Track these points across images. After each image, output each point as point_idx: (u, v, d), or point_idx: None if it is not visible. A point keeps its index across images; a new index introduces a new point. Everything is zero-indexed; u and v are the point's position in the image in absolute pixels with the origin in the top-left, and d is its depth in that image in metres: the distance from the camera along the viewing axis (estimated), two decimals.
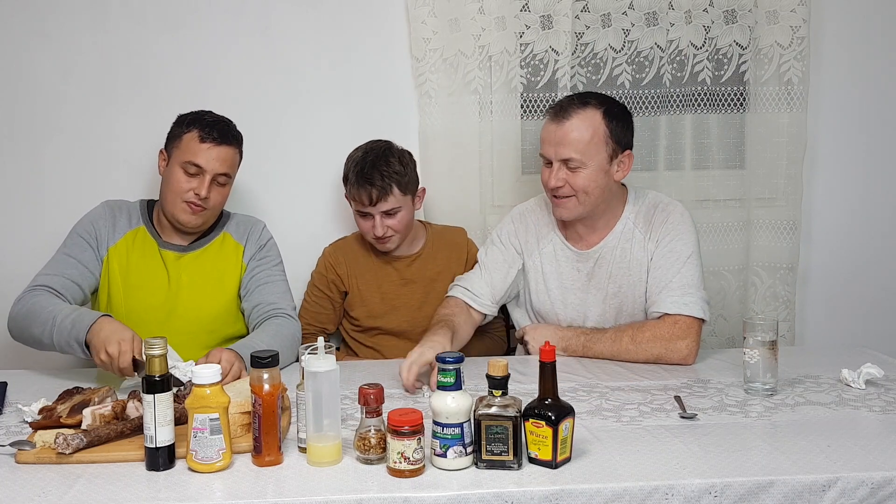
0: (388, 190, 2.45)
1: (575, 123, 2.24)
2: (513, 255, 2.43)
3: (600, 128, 2.24)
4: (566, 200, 2.29)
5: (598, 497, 1.49)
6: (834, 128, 2.89)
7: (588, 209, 2.30)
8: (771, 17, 2.73)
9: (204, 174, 2.28)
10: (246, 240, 2.42)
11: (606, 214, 2.36)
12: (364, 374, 2.12)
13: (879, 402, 1.91)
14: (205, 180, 2.28)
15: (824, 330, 2.96)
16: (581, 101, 2.28)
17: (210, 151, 2.29)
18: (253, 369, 1.60)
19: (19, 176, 2.77)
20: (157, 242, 2.37)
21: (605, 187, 2.28)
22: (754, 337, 1.97)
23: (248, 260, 2.40)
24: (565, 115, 2.25)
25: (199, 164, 2.28)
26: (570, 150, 2.23)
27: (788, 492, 1.52)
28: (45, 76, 2.73)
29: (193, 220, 2.32)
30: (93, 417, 1.68)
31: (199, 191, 2.28)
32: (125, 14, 2.72)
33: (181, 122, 2.36)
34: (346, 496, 1.48)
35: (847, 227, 2.95)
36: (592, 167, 2.24)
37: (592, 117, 2.24)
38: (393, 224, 2.50)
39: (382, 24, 2.77)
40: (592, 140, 2.23)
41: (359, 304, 2.62)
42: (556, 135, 2.25)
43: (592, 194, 2.27)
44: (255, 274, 2.39)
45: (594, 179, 2.25)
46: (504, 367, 1.57)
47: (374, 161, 2.47)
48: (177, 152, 2.31)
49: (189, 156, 2.28)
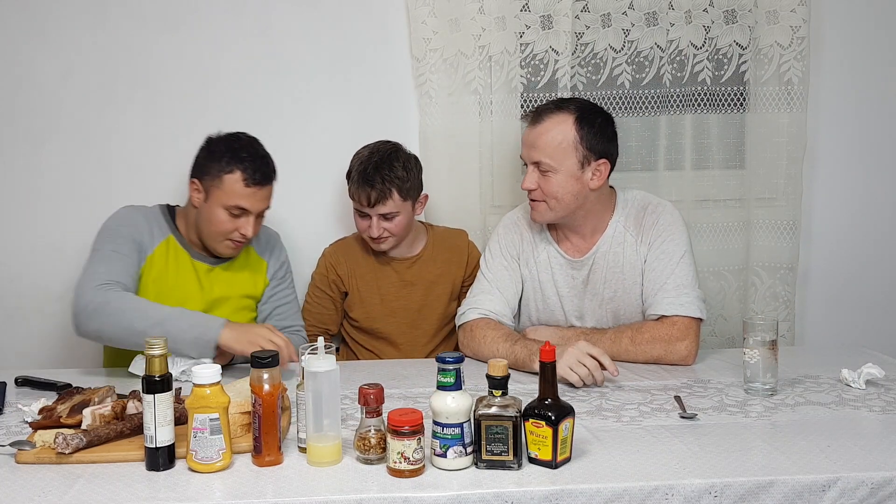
0: (387, 194, 2.44)
1: (546, 127, 2.25)
2: (515, 266, 2.43)
3: (570, 133, 2.24)
4: (538, 204, 2.30)
5: (598, 497, 1.49)
6: (834, 128, 2.89)
7: (561, 215, 2.30)
8: (771, 17, 2.73)
9: (249, 215, 2.28)
10: (269, 256, 2.47)
11: (592, 220, 2.35)
12: (364, 374, 2.12)
13: (879, 402, 1.91)
14: (250, 220, 2.28)
15: (824, 330, 2.96)
16: (557, 105, 2.30)
17: (256, 194, 2.27)
18: (253, 369, 1.60)
19: (19, 176, 2.76)
20: (189, 253, 2.36)
21: (578, 194, 2.27)
22: (754, 337, 1.97)
23: (271, 277, 2.46)
24: (539, 118, 2.27)
25: (244, 208, 2.26)
26: (540, 153, 2.25)
27: (788, 492, 1.52)
28: (45, 76, 2.73)
29: (234, 254, 2.36)
30: (93, 417, 1.69)
31: (246, 231, 2.28)
32: (125, 14, 2.72)
33: (217, 157, 2.28)
34: (346, 496, 1.48)
35: (847, 227, 2.94)
36: (563, 173, 2.24)
37: (563, 122, 2.25)
38: (389, 227, 2.49)
39: (382, 24, 2.78)
40: (561, 145, 2.24)
41: (358, 304, 2.62)
42: (529, 137, 2.28)
43: (563, 200, 2.26)
44: (275, 293, 2.45)
45: (563, 185, 2.25)
46: (504, 367, 1.57)
47: (378, 163, 2.46)
48: (217, 192, 2.26)
49: (234, 200, 2.25)
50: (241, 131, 2.36)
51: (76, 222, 2.77)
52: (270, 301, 2.45)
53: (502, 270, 2.42)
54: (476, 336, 2.30)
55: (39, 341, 2.81)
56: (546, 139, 2.24)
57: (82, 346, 2.78)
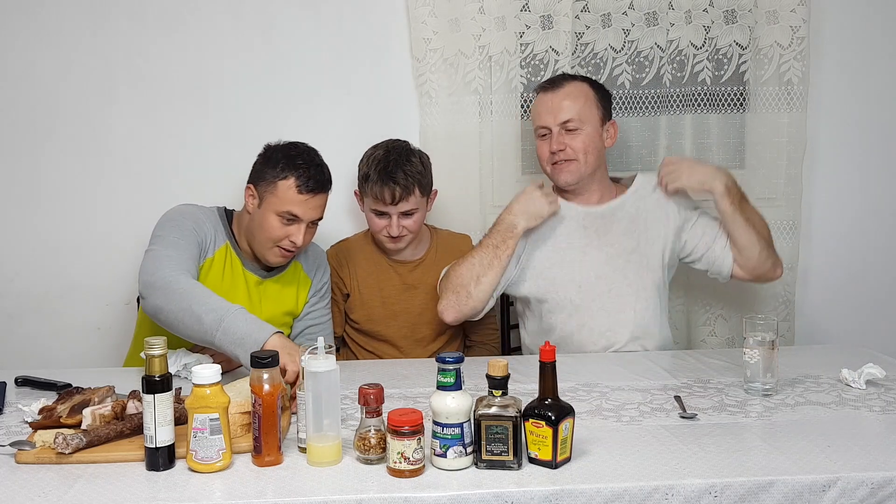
0: (410, 190, 2.44)
1: (569, 90, 2.44)
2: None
3: (591, 94, 2.45)
4: (568, 164, 2.42)
5: (598, 497, 1.49)
6: (834, 128, 2.89)
7: (588, 171, 2.44)
8: (771, 17, 2.73)
9: (301, 222, 2.27)
10: (314, 274, 2.47)
11: (601, 184, 2.50)
12: (364, 374, 2.12)
13: (879, 402, 1.91)
14: (301, 228, 2.27)
15: (824, 330, 2.96)
16: (569, 76, 2.51)
17: (309, 202, 2.25)
18: (253, 369, 1.60)
19: (19, 176, 2.77)
20: (242, 263, 2.35)
21: (600, 152, 2.46)
22: (754, 337, 1.97)
23: (312, 295, 2.46)
24: (558, 84, 2.45)
25: (296, 215, 2.25)
26: (569, 112, 2.41)
27: (788, 492, 1.51)
28: (45, 76, 2.73)
29: (283, 262, 2.35)
30: (93, 417, 1.68)
31: (296, 239, 2.26)
32: (125, 14, 2.72)
33: (273, 163, 2.27)
34: (346, 496, 1.48)
35: (847, 227, 2.95)
36: (589, 129, 2.41)
37: (582, 86, 2.46)
38: (408, 224, 2.49)
39: (382, 24, 2.78)
40: (587, 103, 2.43)
41: (359, 306, 2.61)
42: (552, 102, 2.43)
43: (591, 155, 2.42)
44: (312, 310, 2.46)
45: (592, 141, 2.42)
46: (504, 367, 1.57)
47: (398, 160, 2.45)
48: (272, 199, 2.25)
49: (287, 206, 2.24)
50: (300, 141, 2.34)
51: (76, 222, 2.78)
52: (306, 318, 2.45)
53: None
54: (448, 274, 2.40)
55: (39, 341, 2.81)
56: (573, 98, 2.42)
57: (82, 346, 2.79)
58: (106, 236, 2.79)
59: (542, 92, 2.46)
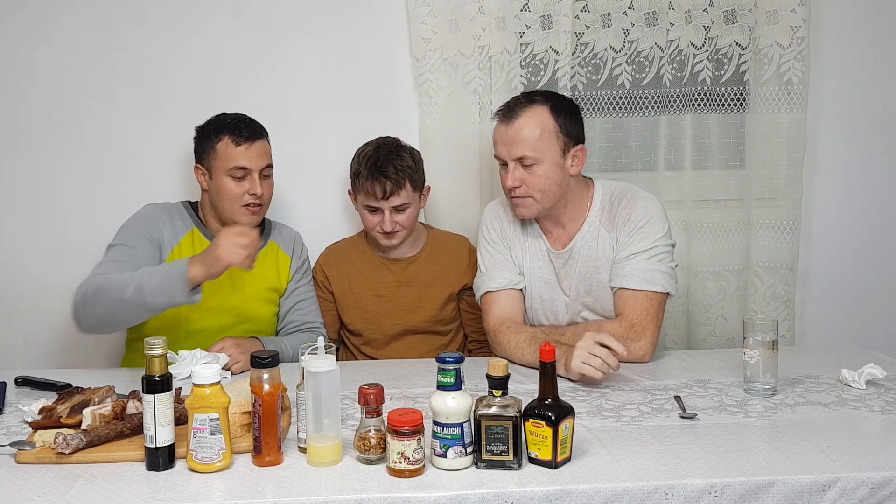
0: (401, 184, 2.45)
1: (524, 121, 2.25)
2: (507, 251, 2.42)
3: (549, 123, 2.25)
4: (523, 200, 2.29)
5: (598, 497, 1.49)
6: (834, 128, 2.89)
7: (547, 206, 2.30)
8: (771, 17, 2.73)
9: (251, 173, 2.36)
10: (292, 251, 2.53)
11: (570, 209, 2.35)
12: (364, 374, 2.12)
13: (879, 402, 1.91)
14: (254, 179, 2.36)
15: (824, 330, 2.96)
16: (527, 99, 2.29)
17: (249, 150, 2.36)
18: (253, 369, 1.60)
19: (19, 176, 2.77)
20: None
21: (562, 182, 2.29)
22: (754, 337, 1.97)
23: (294, 272, 2.52)
24: (513, 114, 2.26)
25: (243, 167, 2.35)
26: (523, 148, 2.24)
27: (788, 492, 1.52)
28: (45, 76, 2.73)
29: (255, 219, 2.41)
30: (93, 417, 1.68)
31: (254, 190, 2.35)
32: (125, 14, 2.72)
33: (206, 134, 2.40)
34: (346, 496, 1.48)
35: (847, 227, 2.95)
36: (547, 163, 2.25)
37: (540, 114, 2.25)
38: (401, 220, 2.50)
39: (382, 24, 2.78)
40: (543, 136, 2.24)
41: (352, 305, 2.61)
42: (507, 135, 2.26)
43: (549, 191, 2.27)
44: (297, 288, 2.52)
45: (549, 176, 2.26)
46: (504, 367, 1.57)
47: (388, 155, 2.47)
48: (217, 163, 2.37)
49: (232, 161, 2.35)
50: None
51: (76, 222, 2.78)
52: (292, 296, 2.51)
53: (496, 256, 2.41)
54: (501, 342, 2.30)
55: (39, 341, 2.81)
56: (527, 133, 2.24)
57: (82, 346, 2.79)
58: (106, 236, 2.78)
59: (499, 122, 2.30)
